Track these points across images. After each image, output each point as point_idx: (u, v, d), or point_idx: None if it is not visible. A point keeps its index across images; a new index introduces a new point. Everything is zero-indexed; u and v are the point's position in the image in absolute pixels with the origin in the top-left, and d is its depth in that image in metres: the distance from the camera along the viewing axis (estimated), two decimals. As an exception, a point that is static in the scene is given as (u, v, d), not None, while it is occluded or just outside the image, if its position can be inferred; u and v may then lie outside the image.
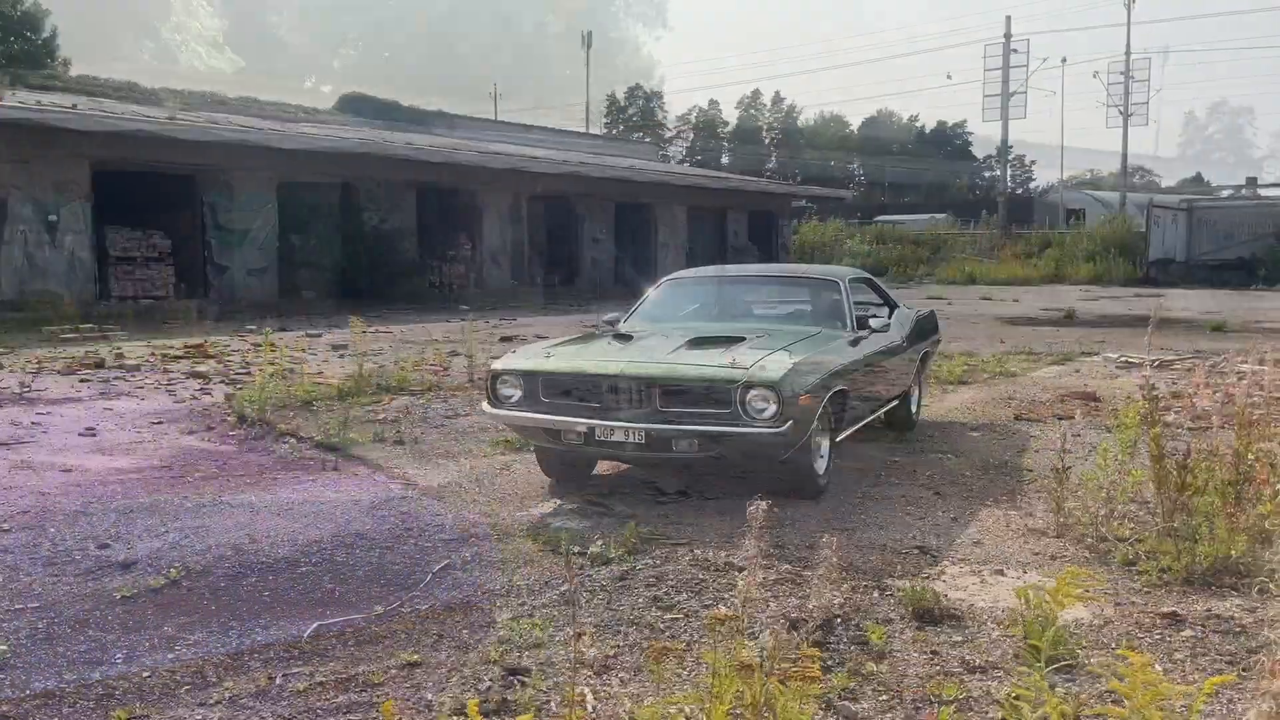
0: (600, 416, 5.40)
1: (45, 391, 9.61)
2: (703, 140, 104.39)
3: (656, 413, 5.30)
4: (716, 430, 5.18)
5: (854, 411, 6.24)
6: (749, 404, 5.14)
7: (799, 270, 7.78)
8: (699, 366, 5.44)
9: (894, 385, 7.32)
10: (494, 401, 5.90)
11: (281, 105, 30.36)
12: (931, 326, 8.66)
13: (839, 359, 6.02)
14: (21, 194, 17.98)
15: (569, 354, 5.97)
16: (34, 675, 3.45)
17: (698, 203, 33.84)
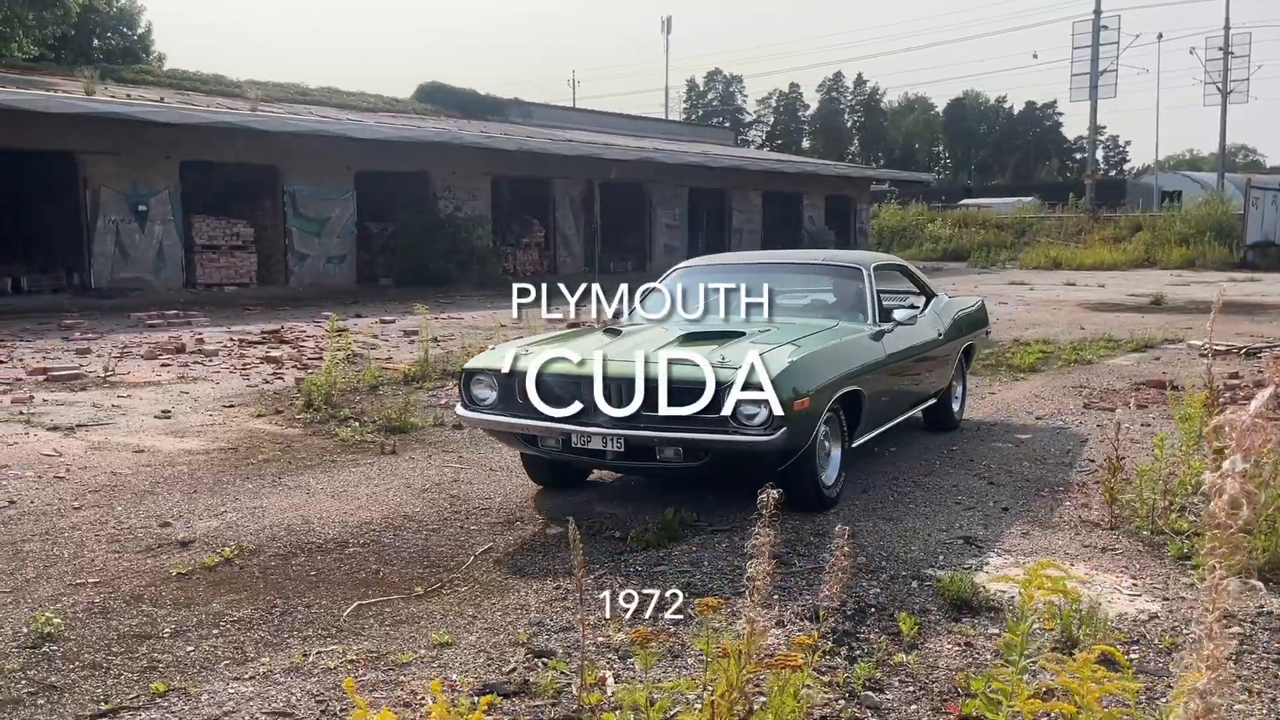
0: (578, 421, 4.88)
1: (128, 375, 9.98)
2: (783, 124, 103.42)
3: (640, 417, 4.77)
4: (703, 438, 4.70)
5: (874, 414, 5.72)
6: (738, 408, 4.64)
7: (819, 257, 7.15)
8: (684, 366, 4.84)
9: (928, 383, 6.76)
10: (468, 404, 5.38)
11: (362, 95, 30.92)
12: (977, 318, 7.97)
13: (854, 356, 5.55)
14: (113, 185, 18.69)
15: (548, 351, 5.30)
16: (84, 648, 3.60)
17: (773, 188, 33.55)
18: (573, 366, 4.98)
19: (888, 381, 5.93)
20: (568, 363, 5.01)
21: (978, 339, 7.99)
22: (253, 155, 20.48)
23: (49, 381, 9.53)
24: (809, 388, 4.86)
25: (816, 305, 6.53)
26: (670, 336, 5.41)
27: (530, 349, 5.32)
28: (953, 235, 38.71)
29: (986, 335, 8.51)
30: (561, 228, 26.88)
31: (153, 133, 18.71)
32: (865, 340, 5.79)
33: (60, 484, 5.88)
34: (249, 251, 20.72)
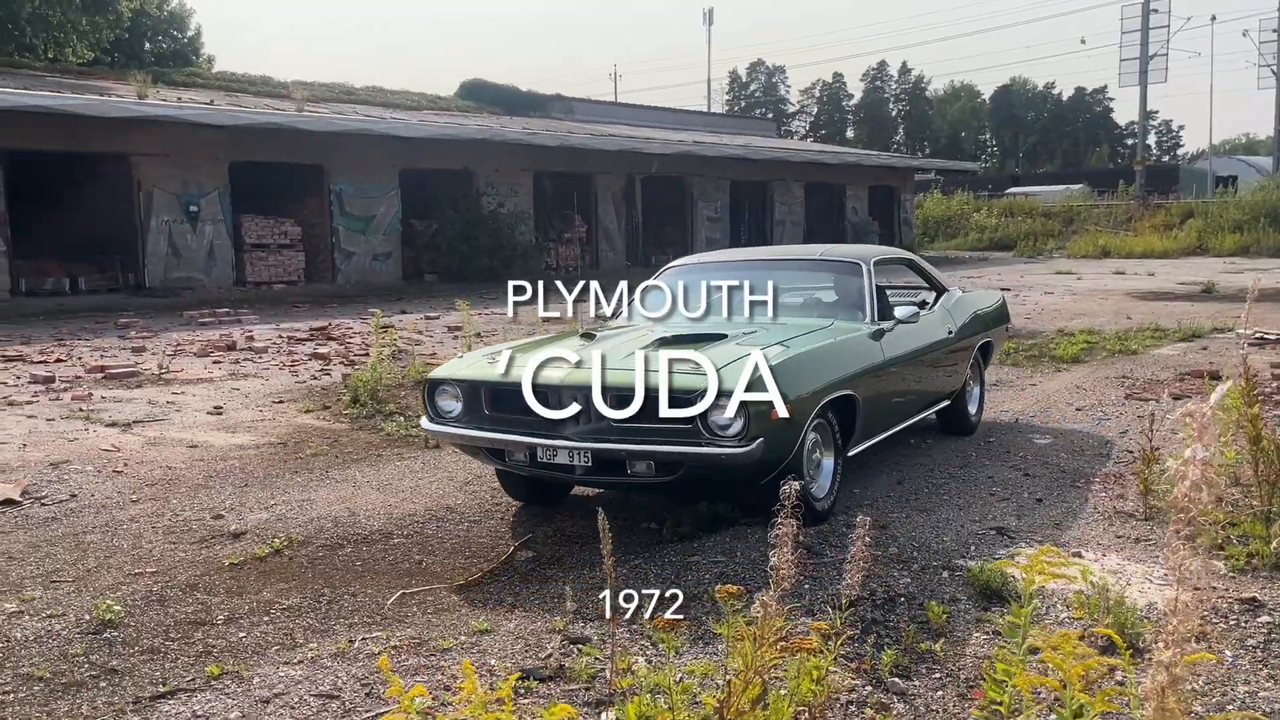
0: (543, 434, 4.60)
1: (181, 372, 10.27)
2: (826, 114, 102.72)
3: (610, 428, 4.49)
4: (675, 450, 4.38)
5: (872, 420, 5.34)
6: (710, 418, 4.32)
7: (816, 252, 6.74)
8: (653, 374, 4.48)
9: (937, 385, 6.38)
10: (433, 416, 5.05)
11: (405, 93, 31.30)
12: (995, 314, 7.52)
13: (847, 358, 5.21)
14: (165, 187, 19.14)
15: (517, 359, 4.99)
16: (143, 634, 3.78)
17: (815, 179, 33.42)
18: (540, 377, 4.65)
19: (888, 384, 5.59)
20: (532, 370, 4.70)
21: (997, 336, 7.55)
22: (299, 155, 20.85)
23: (107, 379, 9.85)
24: (791, 394, 4.44)
25: (812, 304, 6.17)
26: (646, 341, 5.08)
27: (498, 357, 5.05)
28: (999, 224, 38.26)
29: (1007, 331, 8.11)
30: (603, 222, 27.03)
31: (203, 134, 19.13)
32: (862, 340, 5.45)
33: (119, 478, 6.11)
34: (296, 250, 21.11)
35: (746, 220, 32.70)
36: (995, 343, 7.52)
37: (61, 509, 5.45)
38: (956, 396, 6.67)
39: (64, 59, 30.98)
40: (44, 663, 3.51)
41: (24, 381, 9.60)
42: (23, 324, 14.89)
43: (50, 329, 14.24)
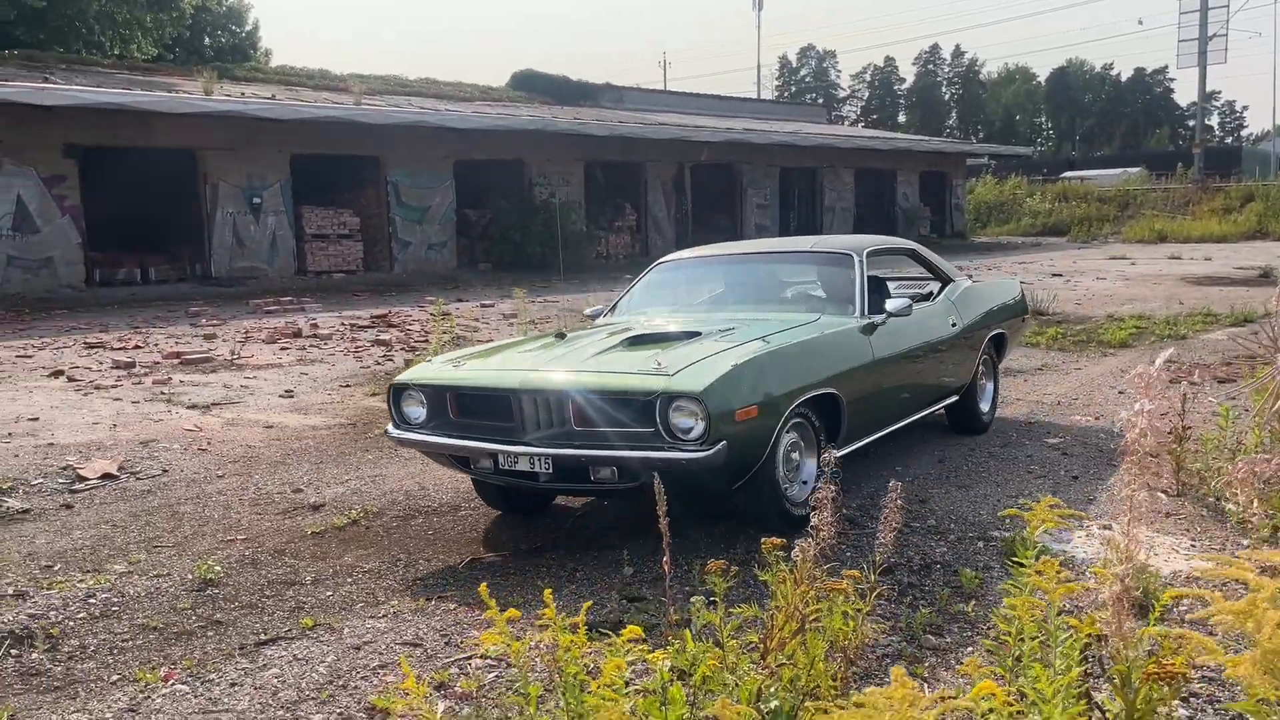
0: (506, 440, 4.43)
1: (251, 358, 10.77)
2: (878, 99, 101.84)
3: (573, 434, 4.33)
4: (635, 455, 4.16)
5: (861, 419, 5.06)
6: (672, 421, 4.11)
7: (806, 244, 6.38)
8: (615, 375, 4.38)
9: (940, 380, 6.09)
10: (398, 422, 4.90)
11: (458, 84, 31.80)
12: (1009, 304, 7.14)
13: (830, 354, 4.97)
14: (230, 180, 19.79)
15: (483, 362, 4.92)
16: (240, 592, 4.17)
17: (866, 165, 33.35)
18: (497, 380, 4.58)
19: (879, 381, 5.29)
20: (494, 375, 4.65)
21: (1011, 328, 7.14)
22: (357, 147, 21.39)
23: (183, 364, 10.36)
24: (758, 395, 4.28)
25: (799, 297, 5.91)
26: (616, 341, 4.92)
27: (462, 360, 4.97)
28: (1052, 209, 37.87)
29: (1024, 322, 7.68)
30: (653, 210, 27.31)
31: (266, 128, 19.73)
32: (849, 336, 5.19)
33: (204, 455, 6.55)
34: (355, 240, 21.68)
35: (796, 207, 32.79)
36: (1010, 335, 7.14)
37: (155, 483, 5.89)
38: (965, 392, 6.38)
39: (130, 55, 31.92)
40: (156, 615, 3.91)
41: (107, 367, 10.15)
42: (100, 312, 15.58)
43: (125, 317, 14.89)
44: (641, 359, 4.49)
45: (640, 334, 5.08)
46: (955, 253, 28.88)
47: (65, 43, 29.84)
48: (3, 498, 5.48)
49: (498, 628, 2.07)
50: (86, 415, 7.76)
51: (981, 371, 6.59)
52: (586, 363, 4.58)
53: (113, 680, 3.37)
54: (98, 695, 3.26)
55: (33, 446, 6.68)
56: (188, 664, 3.46)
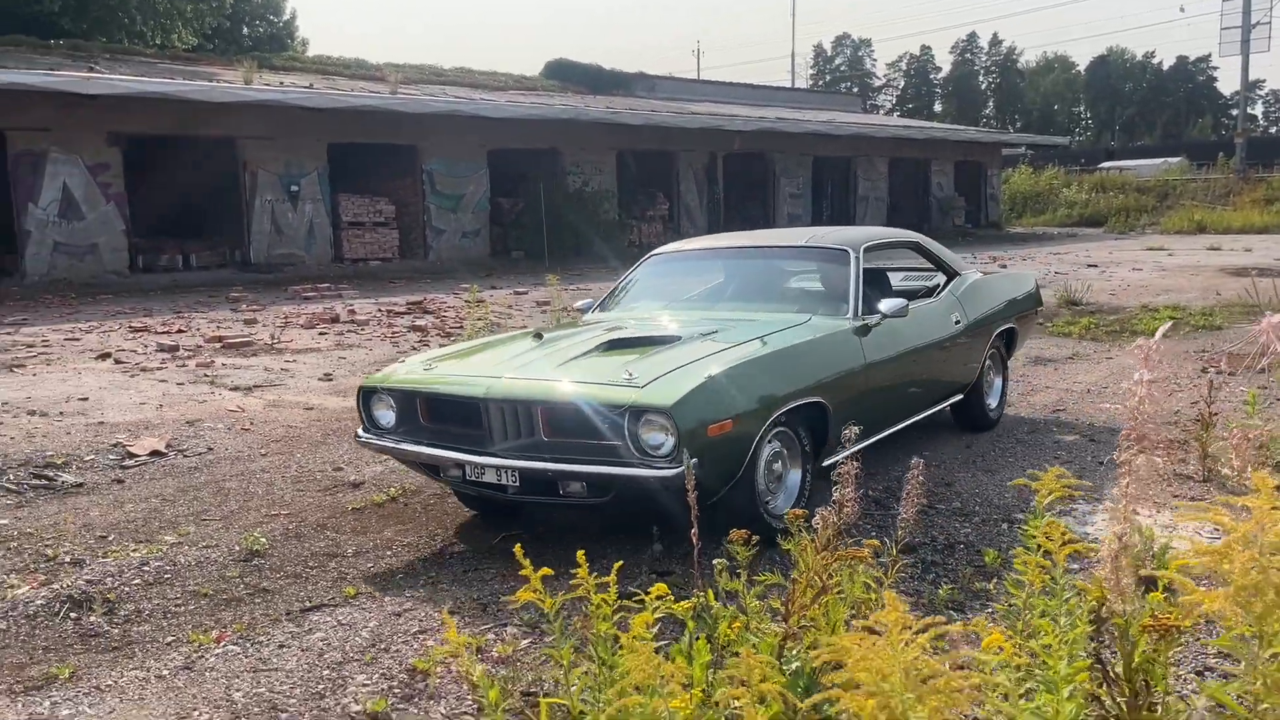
0: (474, 449, 4.23)
1: (291, 343, 11.00)
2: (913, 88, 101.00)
3: (541, 444, 4.12)
4: (602, 471, 3.96)
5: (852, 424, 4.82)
6: (641, 436, 3.88)
7: (801, 238, 6.02)
8: (584, 385, 4.13)
9: (942, 379, 5.85)
10: (368, 426, 4.72)
11: (493, 74, 31.99)
12: (1021, 298, 6.88)
13: (818, 359, 4.72)
14: (269, 168, 20.09)
15: (454, 365, 4.72)
16: (285, 563, 4.34)
17: (900, 154, 33.18)
18: (465, 386, 4.35)
19: (872, 386, 5.00)
20: (462, 381, 4.43)
21: (1023, 323, 6.91)
22: (393, 136, 21.62)
23: (225, 348, 10.61)
24: (734, 408, 4.04)
25: (792, 296, 5.63)
26: (592, 345, 4.67)
27: (435, 362, 4.77)
28: (1089, 200, 37.49)
29: (1037, 316, 7.40)
30: (685, 199, 27.37)
31: (304, 117, 20.01)
32: (840, 339, 4.92)
33: (247, 435, 6.75)
34: (391, 227, 21.94)
35: (829, 196, 32.71)
36: (1020, 330, 6.87)
37: (201, 460, 6.08)
38: (971, 389, 6.16)
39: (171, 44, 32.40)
40: (206, 582, 4.09)
41: (152, 350, 10.42)
42: (143, 298, 15.92)
43: (168, 302, 15.21)
44: (613, 368, 4.22)
45: (618, 338, 4.80)
46: (990, 243, 28.70)
47: (108, 32, 30.35)
48: (58, 473, 5.70)
49: (533, 584, 2.20)
50: (134, 396, 7.99)
51: (989, 367, 6.38)
52: (556, 370, 4.34)
53: (167, 641, 3.55)
54: (154, 655, 3.43)
55: (84, 425, 6.92)
56: (237, 627, 3.63)
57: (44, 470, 5.73)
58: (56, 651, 3.48)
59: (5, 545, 4.51)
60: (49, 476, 5.62)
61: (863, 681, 1.41)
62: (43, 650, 3.49)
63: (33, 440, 6.43)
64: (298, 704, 3.06)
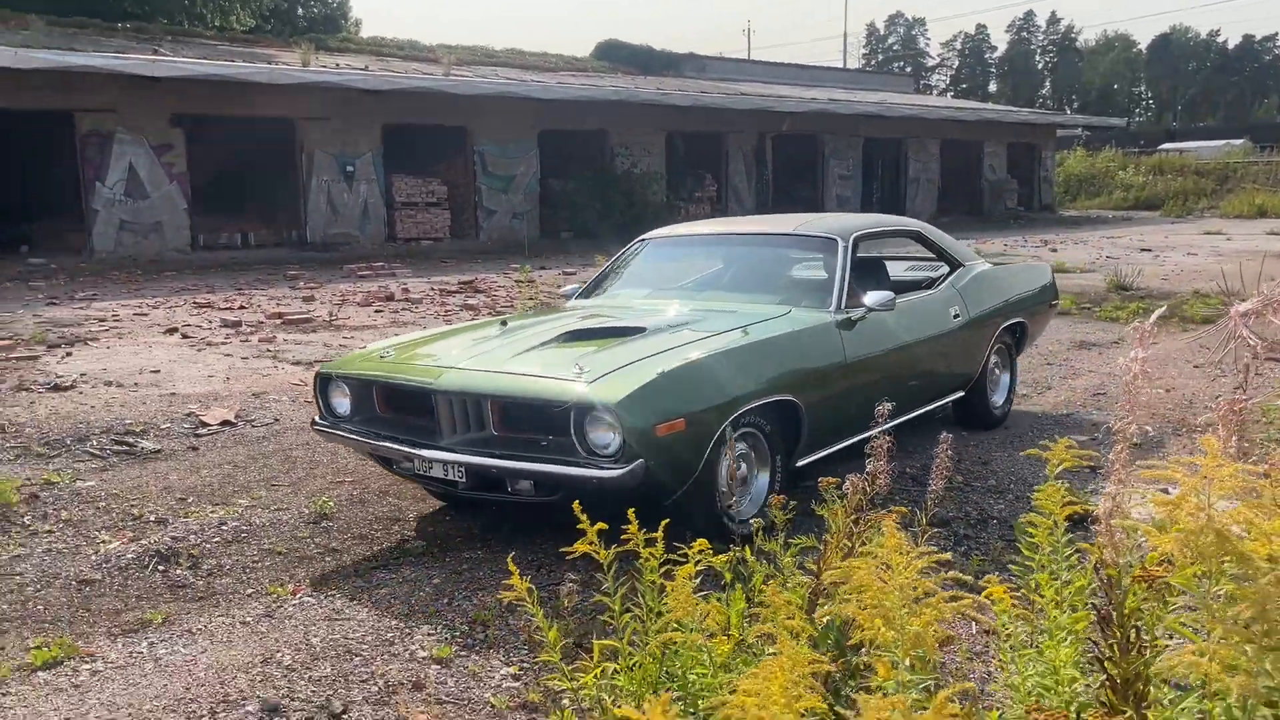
0: (422, 443, 4.10)
1: (348, 320, 11.36)
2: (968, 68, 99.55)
3: (492, 440, 4.00)
4: (548, 470, 3.80)
5: (829, 426, 4.58)
6: (588, 434, 3.75)
7: (789, 226, 5.71)
8: (531, 379, 3.98)
9: (939, 376, 5.60)
10: (324, 415, 4.61)
11: (543, 55, 32.20)
12: (1032, 292, 6.57)
13: (791, 355, 4.47)
14: (325, 149, 20.53)
15: (410, 354, 4.59)
16: (351, 525, 4.63)
17: (952, 136, 32.87)
18: (416, 376, 4.23)
19: (854, 383, 4.75)
20: (413, 371, 4.31)
21: (1035, 316, 6.57)
22: (445, 117, 21.95)
23: (285, 324, 11.00)
24: (687, 406, 3.84)
25: (775, 286, 5.38)
26: (553, 335, 4.54)
27: (393, 350, 4.65)
28: (1145, 183, 36.85)
29: (1051, 309, 7.00)
30: (733, 181, 27.42)
31: (359, 99, 20.40)
32: (818, 333, 4.68)
33: (310, 407, 7.05)
34: (443, 208, 22.31)
35: (879, 178, 32.53)
36: (1031, 324, 6.54)
37: (268, 430, 6.42)
38: (974, 386, 5.93)
39: (229, 26, 33.04)
40: (280, 542, 4.40)
41: (216, 325, 10.83)
42: (204, 275, 16.43)
43: (229, 279, 15.69)
44: (566, 360, 4.04)
45: (582, 328, 4.64)
46: (1041, 226, 28.41)
47: (169, 14, 31.01)
48: (137, 439, 6.06)
49: (589, 536, 2.43)
50: (202, 369, 8.37)
51: (995, 363, 6.16)
52: (510, 362, 4.17)
53: (248, 593, 3.85)
54: (237, 605, 3.74)
55: (157, 395, 7.29)
56: (311, 582, 3.92)
57: (124, 437, 6.09)
58: (148, 600, 3.80)
59: (94, 505, 4.86)
60: (129, 443, 5.98)
61: (866, 599, 1.62)
62: (135, 598, 3.81)
63: (111, 409, 6.81)
64: (369, 649, 3.34)
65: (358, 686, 3.09)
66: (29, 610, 3.69)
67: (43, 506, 4.77)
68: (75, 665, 3.24)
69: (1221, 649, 1.42)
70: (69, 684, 3.13)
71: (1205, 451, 1.82)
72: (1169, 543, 1.57)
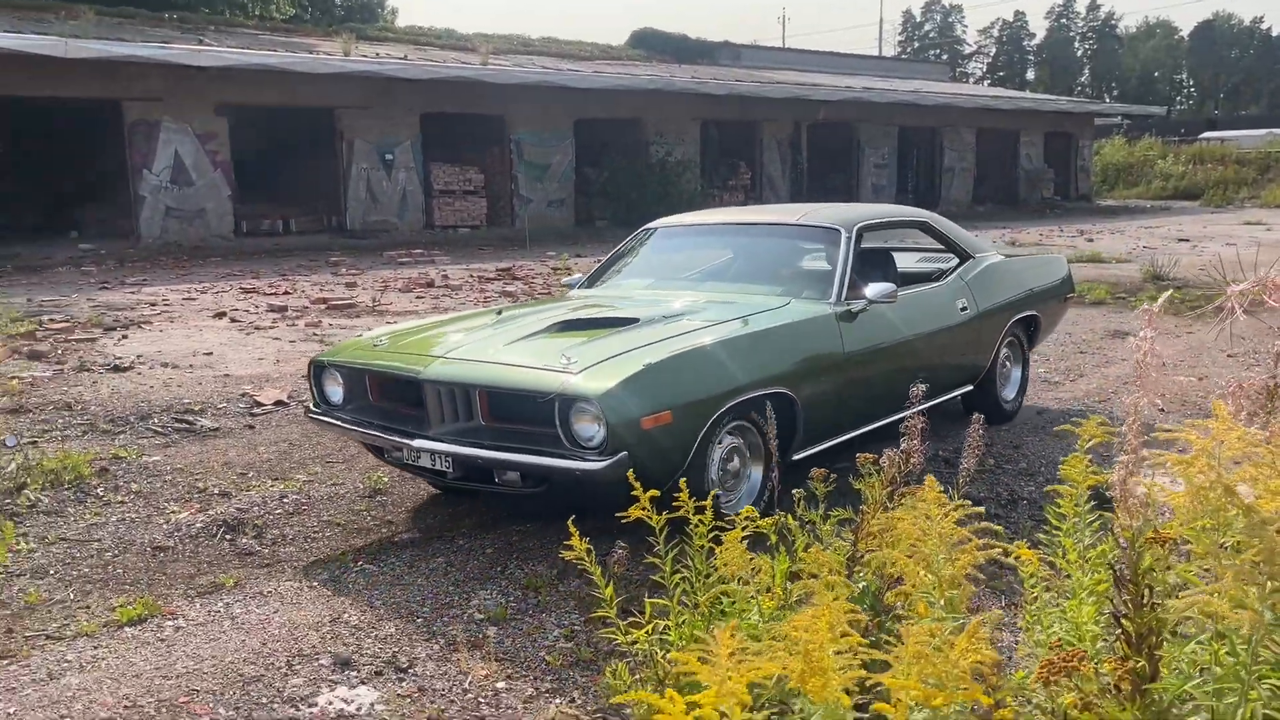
0: (412, 432, 4.09)
1: (390, 305, 11.62)
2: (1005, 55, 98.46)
3: (481, 430, 3.98)
4: (533, 461, 3.78)
5: (826, 420, 4.52)
6: (573, 426, 3.71)
7: (793, 216, 5.64)
8: (518, 370, 3.97)
9: (945, 369, 5.45)
10: (318, 403, 4.65)
11: (579, 44, 32.35)
12: (1047, 284, 6.45)
13: (785, 348, 4.39)
14: (365, 137, 20.84)
15: (403, 343, 4.57)
16: (405, 499, 4.85)
17: (988, 125, 32.68)
18: (406, 365, 4.22)
19: (853, 376, 4.69)
20: (404, 360, 4.29)
21: (1048, 309, 6.47)
22: (482, 106, 22.19)
23: (329, 309, 11.27)
24: (674, 399, 3.78)
25: (776, 277, 5.28)
26: (545, 325, 4.49)
27: (387, 339, 4.64)
28: (1185, 172, 36.41)
29: (1066, 303, 6.91)
30: (768, 169, 27.47)
31: (398, 88, 20.68)
32: (818, 324, 4.62)
33: (359, 388, 7.32)
34: (480, 196, 22.57)
35: (915, 167, 32.43)
36: (1046, 318, 6.45)
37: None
38: (984, 380, 5.83)
39: (270, 15, 33.47)
40: (338, 514, 4.62)
41: (263, 310, 11.13)
42: (248, 261, 16.79)
43: (272, 265, 16.03)
44: (555, 351, 4.00)
45: (576, 318, 4.61)
46: (1078, 216, 28.21)
47: (211, 3, 31.48)
48: (196, 418, 6.33)
49: (642, 502, 2.62)
50: (252, 351, 8.65)
51: (1006, 356, 6.08)
52: (499, 351, 4.15)
53: (311, 560, 4.08)
54: (302, 572, 3.96)
55: (212, 376, 7.57)
56: (370, 551, 4.15)
57: (184, 415, 6.36)
58: (218, 565, 4.04)
59: (161, 478, 5.12)
60: (189, 421, 6.25)
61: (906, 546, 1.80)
62: (207, 564, 4.05)
63: (169, 389, 7.08)
64: (430, 611, 3.56)
65: (421, 644, 3.30)
66: (110, 573, 3.94)
67: (114, 479, 5.03)
68: (159, 622, 3.48)
69: (1232, 589, 1.58)
70: (155, 638, 3.36)
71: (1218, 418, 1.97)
72: (1179, 498, 1.73)
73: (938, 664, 1.36)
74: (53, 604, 3.65)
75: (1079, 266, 14.70)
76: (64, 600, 3.69)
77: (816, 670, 1.36)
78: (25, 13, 20.50)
